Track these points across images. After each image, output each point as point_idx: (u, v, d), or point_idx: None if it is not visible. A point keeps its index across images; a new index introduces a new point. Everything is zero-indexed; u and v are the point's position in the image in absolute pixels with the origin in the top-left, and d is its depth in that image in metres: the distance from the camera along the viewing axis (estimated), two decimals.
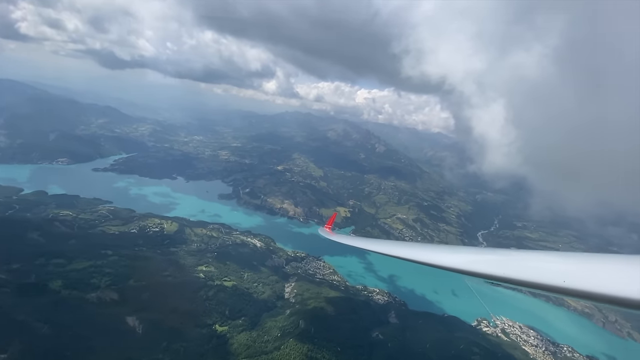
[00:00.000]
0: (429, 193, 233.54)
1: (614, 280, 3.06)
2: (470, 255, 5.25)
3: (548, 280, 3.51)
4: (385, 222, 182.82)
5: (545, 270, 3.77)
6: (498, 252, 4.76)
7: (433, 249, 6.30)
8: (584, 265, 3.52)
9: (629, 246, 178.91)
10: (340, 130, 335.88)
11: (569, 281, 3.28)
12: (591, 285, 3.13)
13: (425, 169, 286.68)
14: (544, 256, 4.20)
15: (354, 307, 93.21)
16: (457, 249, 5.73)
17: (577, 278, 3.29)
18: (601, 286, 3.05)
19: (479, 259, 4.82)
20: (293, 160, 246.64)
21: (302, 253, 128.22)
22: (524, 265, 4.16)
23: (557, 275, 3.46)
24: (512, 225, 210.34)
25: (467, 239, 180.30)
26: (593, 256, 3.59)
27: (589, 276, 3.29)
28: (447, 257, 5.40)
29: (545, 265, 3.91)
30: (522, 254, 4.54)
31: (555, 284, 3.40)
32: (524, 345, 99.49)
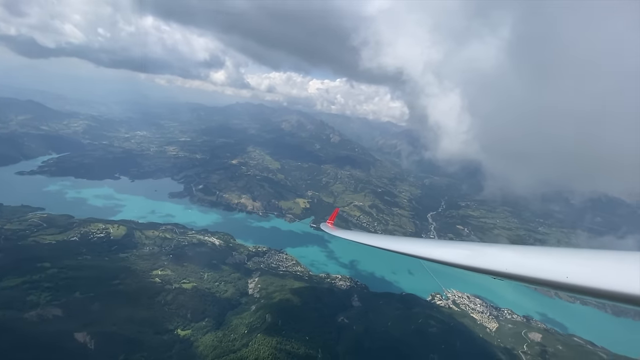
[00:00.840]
0: (382, 180, 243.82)
1: (618, 277, 3.02)
2: (470, 250, 5.21)
3: (550, 276, 3.53)
4: (343, 210, 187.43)
5: (547, 266, 3.73)
6: (500, 248, 4.74)
7: (434, 245, 6.41)
8: (586, 261, 3.52)
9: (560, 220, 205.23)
10: (295, 122, 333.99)
11: (572, 277, 3.30)
12: (594, 282, 3.12)
13: (377, 157, 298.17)
14: (546, 252, 4.15)
15: (319, 296, 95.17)
16: (458, 245, 5.80)
17: (579, 274, 3.30)
18: (604, 282, 3.04)
19: (480, 254, 4.82)
20: (248, 153, 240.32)
21: (263, 247, 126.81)
22: (526, 261, 4.15)
23: (560, 271, 3.47)
24: (457, 205, 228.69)
25: (418, 220, 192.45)
26: (596, 252, 3.55)
27: (592, 272, 3.26)
28: (448, 252, 5.42)
29: (548, 261, 3.85)
30: (524, 249, 4.51)
31: (557, 279, 3.42)
32: (472, 312, 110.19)
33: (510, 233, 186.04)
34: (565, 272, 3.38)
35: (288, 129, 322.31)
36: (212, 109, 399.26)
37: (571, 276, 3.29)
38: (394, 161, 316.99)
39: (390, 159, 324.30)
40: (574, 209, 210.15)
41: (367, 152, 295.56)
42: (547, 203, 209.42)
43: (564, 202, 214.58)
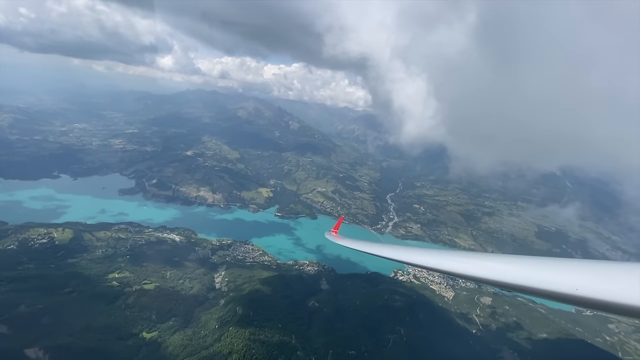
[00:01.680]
0: (343, 165, 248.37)
1: (629, 289, 2.89)
2: (480, 262, 5.09)
3: (560, 289, 3.43)
4: (307, 197, 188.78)
5: (556, 277, 3.64)
6: (509, 259, 4.66)
7: (443, 255, 6.16)
8: (597, 273, 3.40)
9: (503, 194, 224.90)
10: (251, 109, 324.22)
11: (582, 290, 3.20)
12: (605, 295, 3.02)
13: (337, 142, 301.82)
14: (556, 263, 4.05)
15: (288, 283, 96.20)
16: (468, 255, 5.68)
17: (590, 286, 3.19)
18: (616, 295, 2.94)
19: (490, 266, 4.71)
20: (204, 143, 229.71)
21: (228, 240, 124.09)
22: (535, 273, 4.05)
23: (569, 283, 3.37)
24: (413, 185, 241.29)
25: (379, 202, 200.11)
26: (607, 264, 3.48)
27: (603, 284, 3.17)
28: (458, 264, 5.34)
29: (557, 273, 3.76)
30: (532, 260, 4.42)
31: (567, 292, 3.33)
32: (431, 284, 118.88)
33: (461, 208, 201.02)
34: (575, 284, 3.29)
35: (245, 116, 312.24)
36: (161, 97, 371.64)
37: (581, 289, 3.20)
38: (353, 146, 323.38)
39: (350, 144, 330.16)
40: (522, 184, 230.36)
41: (327, 138, 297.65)
42: (504, 180, 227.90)
43: (517, 178, 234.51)
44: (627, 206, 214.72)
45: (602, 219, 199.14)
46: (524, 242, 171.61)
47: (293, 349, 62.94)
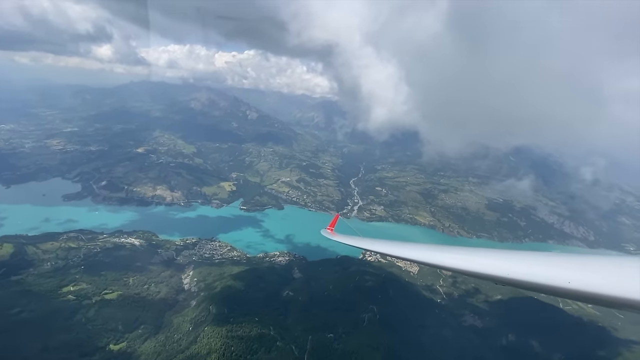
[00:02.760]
0: (305, 153, 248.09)
1: (619, 282, 2.99)
2: (475, 257, 5.18)
3: (552, 282, 3.51)
4: (271, 188, 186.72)
5: (549, 271, 3.72)
6: (502, 254, 4.73)
7: (438, 251, 6.23)
8: (588, 267, 3.51)
9: (455, 171, 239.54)
10: (205, 100, 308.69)
11: (574, 283, 3.29)
12: (596, 287, 3.11)
13: (298, 131, 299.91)
14: (548, 257, 4.14)
15: (261, 275, 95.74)
16: (463, 250, 5.67)
17: (581, 280, 3.29)
18: (607, 288, 3.02)
19: (484, 260, 4.81)
20: (155, 139, 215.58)
21: (192, 239, 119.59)
22: (528, 267, 4.11)
23: (561, 277, 3.45)
24: (374, 169, 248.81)
25: (343, 187, 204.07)
26: (598, 257, 3.59)
27: (594, 278, 3.26)
28: (452, 259, 5.39)
29: (550, 267, 3.85)
30: (526, 255, 4.49)
31: (559, 285, 3.41)
32: (397, 262, 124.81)
33: (419, 187, 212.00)
34: (567, 278, 3.39)
35: (199, 108, 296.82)
36: (101, 90, 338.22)
37: (573, 282, 3.30)
38: (314, 134, 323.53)
39: (310, 131, 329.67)
40: (484, 163, 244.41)
41: (287, 127, 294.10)
42: (467, 160, 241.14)
43: (481, 157, 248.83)
44: (569, 177, 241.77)
45: (547, 190, 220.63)
46: (476, 214, 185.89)
47: (272, 340, 63.38)
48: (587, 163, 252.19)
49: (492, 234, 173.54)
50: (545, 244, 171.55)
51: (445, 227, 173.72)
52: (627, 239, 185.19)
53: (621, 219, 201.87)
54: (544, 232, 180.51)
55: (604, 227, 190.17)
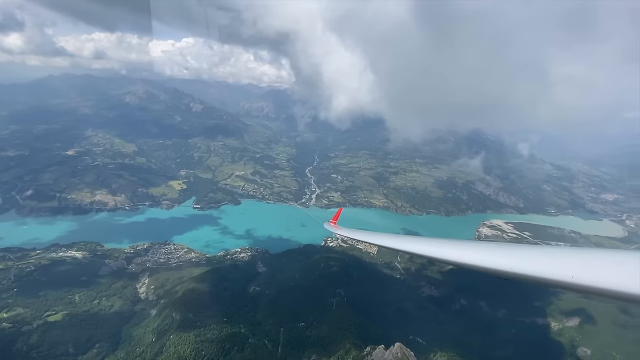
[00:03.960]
0: (258, 145, 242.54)
1: (623, 276, 3.02)
2: (478, 250, 5.25)
3: (556, 276, 3.54)
4: (225, 183, 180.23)
5: (552, 265, 3.76)
6: (506, 247, 4.82)
7: (441, 244, 6.28)
8: (592, 261, 3.54)
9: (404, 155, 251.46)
10: (142, 92, 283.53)
11: (577, 277, 3.32)
12: (600, 281, 3.14)
13: (248, 122, 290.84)
14: (552, 251, 4.19)
15: (224, 274, 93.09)
16: (466, 244, 5.72)
17: (585, 273, 3.31)
18: (610, 282, 3.05)
19: (488, 254, 4.87)
20: (88, 139, 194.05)
21: (144, 244, 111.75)
22: (532, 261, 4.17)
23: (565, 270, 3.48)
24: (328, 156, 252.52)
25: (299, 177, 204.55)
26: (601, 251, 3.61)
27: (598, 271, 3.28)
28: (455, 252, 5.45)
29: (553, 261, 3.89)
30: (530, 249, 4.54)
31: (563, 279, 3.44)
32: (357, 245, 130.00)
33: (372, 172, 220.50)
34: (570, 271, 3.42)
35: (135, 102, 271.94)
36: (13, 87, 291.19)
37: (577, 276, 3.34)
38: (265, 124, 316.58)
39: (261, 122, 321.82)
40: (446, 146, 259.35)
41: (236, 119, 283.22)
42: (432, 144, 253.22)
43: (442, 142, 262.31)
44: (510, 154, 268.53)
45: (490, 166, 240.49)
46: (424, 193, 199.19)
47: (244, 338, 62.59)
48: (524, 140, 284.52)
49: (440, 209, 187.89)
50: (484, 214, 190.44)
51: (398, 207, 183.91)
52: (549, 203, 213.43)
53: (544, 187, 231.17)
54: (483, 204, 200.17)
55: (530, 195, 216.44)
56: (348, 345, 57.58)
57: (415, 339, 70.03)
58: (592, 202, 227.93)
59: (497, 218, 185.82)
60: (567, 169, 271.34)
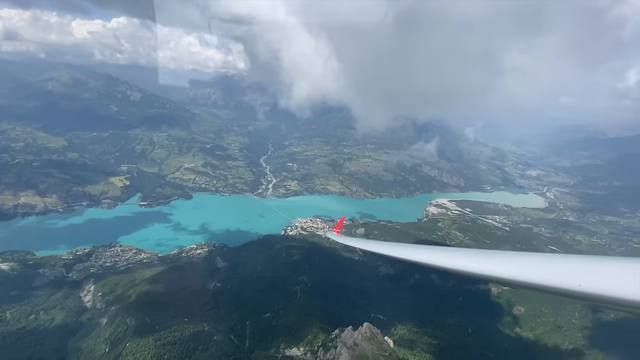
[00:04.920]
0: (207, 135, 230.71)
1: (632, 285, 2.93)
2: (485, 259, 5.19)
3: (562, 284, 3.47)
4: (174, 177, 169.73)
5: (559, 274, 3.68)
6: (512, 256, 4.75)
7: (447, 253, 6.30)
8: (599, 269, 3.46)
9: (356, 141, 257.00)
10: (67, 79, 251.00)
11: (585, 285, 3.24)
12: (608, 290, 3.07)
13: (194, 110, 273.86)
14: (559, 260, 4.12)
15: (181, 273, 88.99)
16: (471, 253, 5.66)
17: (593, 282, 3.23)
18: (618, 290, 2.99)
19: (493, 262, 4.81)
20: (4, 133, 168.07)
21: (85, 249, 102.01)
22: (538, 269, 4.10)
23: (572, 279, 3.40)
24: (282, 145, 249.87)
25: (254, 167, 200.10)
26: (609, 259, 3.52)
27: (605, 280, 3.19)
28: (461, 262, 5.42)
29: (560, 269, 3.81)
30: (536, 257, 4.48)
31: (570, 288, 3.37)
32: (316, 231, 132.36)
33: (327, 159, 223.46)
34: (577, 280, 3.34)
35: (60, 90, 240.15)
36: None
37: (584, 284, 3.26)
38: (213, 112, 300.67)
39: (209, 110, 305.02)
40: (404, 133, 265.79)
41: (181, 107, 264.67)
42: (396, 132, 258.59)
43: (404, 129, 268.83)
44: (458, 138, 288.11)
45: (438, 150, 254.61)
46: (376, 177, 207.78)
47: (209, 336, 60.99)
48: (471, 125, 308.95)
49: (391, 192, 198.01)
50: (430, 194, 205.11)
51: (353, 192, 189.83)
52: (485, 181, 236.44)
53: (481, 167, 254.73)
54: (429, 185, 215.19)
55: (470, 175, 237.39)
56: (315, 330, 59.18)
57: (377, 316, 74.40)
58: (519, 178, 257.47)
59: (442, 197, 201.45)
60: (500, 149, 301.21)
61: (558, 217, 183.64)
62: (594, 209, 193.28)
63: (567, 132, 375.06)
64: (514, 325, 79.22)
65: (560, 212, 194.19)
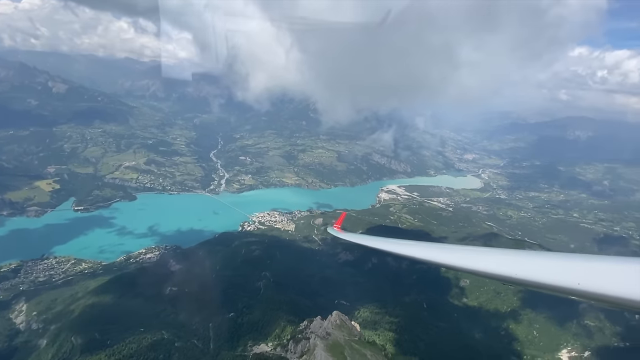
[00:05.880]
0: (149, 130, 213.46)
1: (631, 284, 2.94)
2: (486, 256, 5.23)
3: (562, 283, 3.49)
4: (113, 177, 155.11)
5: (559, 272, 3.71)
6: (512, 253, 4.77)
7: (449, 250, 6.37)
8: (599, 268, 3.49)
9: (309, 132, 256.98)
10: None
11: (584, 284, 3.25)
12: (607, 289, 3.08)
13: (131, 103, 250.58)
14: (558, 258, 4.14)
15: (130, 281, 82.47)
16: (473, 250, 5.76)
17: (592, 281, 3.25)
18: (617, 289, 3.00)
19: (496, 261, 4.83)
20: None
21: (11, 264, 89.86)
22: (538, 267, 4.16)
23: (571, 277, 3.42)
24: (233, 138, 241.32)
25: (204, 162, 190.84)
26: (609, 259, 3.54)
27: (604, 279, 3.22)
28: (463, 259, 5.43)
29: (559, 267, 3.85)
30: (536, 255, 4.53)
31: (569, 286, 3.38)
32: (275, 224, 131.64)
33: (280, 151, 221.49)
34: (577, 278, 3.35)
35: None
36: None
37: (583, 283, 3.26)
38: (153, 105, 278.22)
39: (148, 103, 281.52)
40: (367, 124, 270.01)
41: (115, 100, 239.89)
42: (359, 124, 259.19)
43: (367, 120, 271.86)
44: (410, 127, 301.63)
45: (391, 139, 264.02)
46: (330, 167, 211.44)
47: (169, 344, 57.95)
48: (421, 114, 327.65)
49: (345, 181, 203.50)
50: (381, 181, 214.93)
51: (309, 183, 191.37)
52: (429, 166, 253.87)
53: (425, 153, 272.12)
54: (380, 172, 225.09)
55: (415, 161, 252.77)
56: (283, 323, 59.51)
57: (341, 302, 77.04)
58: (458, 162, 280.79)
59: (392, 183, 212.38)
60: (441, 136, 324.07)
61: (492, 196, 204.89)
62: (520, 187, 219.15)
63: (495, 119, 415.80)
64: (462, 296, 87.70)
65: (494, 191, 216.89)
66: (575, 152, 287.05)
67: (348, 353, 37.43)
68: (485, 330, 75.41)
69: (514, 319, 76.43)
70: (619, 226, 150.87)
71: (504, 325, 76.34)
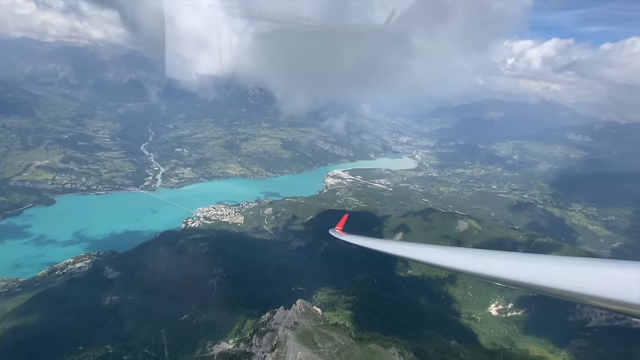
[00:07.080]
0: (62, 122, 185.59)
1: (634, 288, 2.90)
2: (489, 259, 5.21)
3: (565, 286, 3.48)
4: (22, 179, 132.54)
5: (562, 275, 3.71)
6: (515, 257, 4.81)
7: (452, 253, 6.37)
8: (603, 272, 3.47)
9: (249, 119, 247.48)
10: None
11: (587, 288, 3.23)
12: (611, 293, 3.07)
13: (35, 91, 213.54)
14: (561, 261, 4.15)
15: (59, 295, 73.55)
16: (476, 253, 5.76)
17: (595, 284, 3.23)
18: (621, 294, 2.98)
19: (498, 263, 4.81)
20: None
21: None
22: (541, 270, 4.15)
23: (575, 281, 3.41)
24: (166, 129, 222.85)
25: (134, 156, 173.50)
26: (612, 263, 3.52)
27: (608, 283, 3.20)
28: (465, 261, 5.47)
29: (562, 271, 3.85)
30: (539, 259, 4.56)
31: (572, 290, 3.36)
32: (222, 218, 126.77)
33: (221, 140, 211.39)
34: (580, 282, 3.34)
35: None
36: None
37: (587, 287, 3.25)
38: (65, 93, 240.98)
39: (58, 90, 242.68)
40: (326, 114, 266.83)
41: (15, 88, 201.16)
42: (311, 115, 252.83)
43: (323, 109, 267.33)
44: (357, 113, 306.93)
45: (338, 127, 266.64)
46: (275, 155, 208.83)
47: (117, 357, 53.29)
48: (366, 101, 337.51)
49: (292, 168, 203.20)
50: (326, 167, 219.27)
51: (255, 172, 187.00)
52: (369, 150, 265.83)
53: (364, 137, 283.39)
54: (325, 158, 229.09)
55: (356, 145, 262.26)
56: (242, 318, 58.65)
57: (298, 288, 78.35)
58: (395, 144, 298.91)
59: (336, 168, 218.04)
60: (378, 120, 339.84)
61: (425, 175, 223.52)
62: (449, 165, 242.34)
63: (424, 103, 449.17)
64: (406, 269, 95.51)
65: (427, 170, 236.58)
66: (491, 131, 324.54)
67: (318, 339, 38.61)
68: (430, 296, 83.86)
69: (451, 283, 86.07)
70: (527, 194, 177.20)
71: (444, 289, 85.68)
